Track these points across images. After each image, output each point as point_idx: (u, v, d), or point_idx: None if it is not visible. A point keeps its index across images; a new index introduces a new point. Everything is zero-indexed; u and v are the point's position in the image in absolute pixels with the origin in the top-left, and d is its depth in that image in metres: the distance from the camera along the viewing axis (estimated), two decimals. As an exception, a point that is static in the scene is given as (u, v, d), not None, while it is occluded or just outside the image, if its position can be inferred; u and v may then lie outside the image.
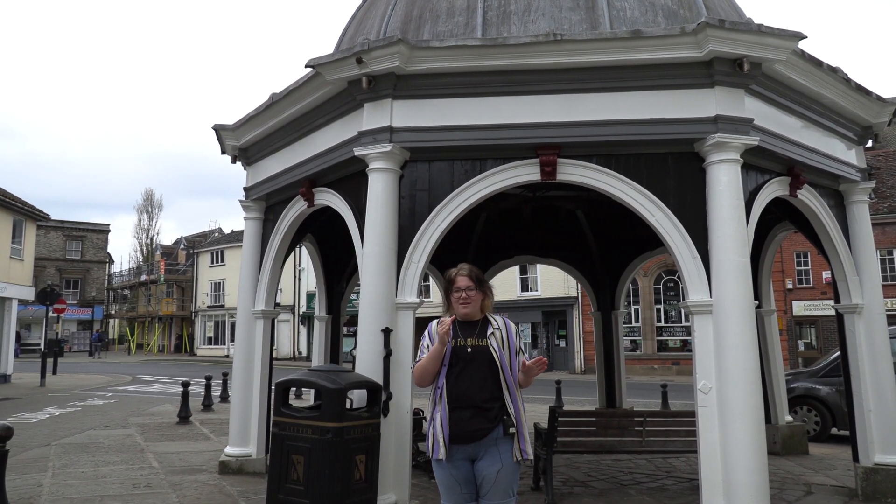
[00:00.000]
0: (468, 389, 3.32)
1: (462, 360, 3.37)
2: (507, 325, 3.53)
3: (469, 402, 3.31)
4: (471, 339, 3.42)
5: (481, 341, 3.42)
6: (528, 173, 5.54)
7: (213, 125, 7.82)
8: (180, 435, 10.38)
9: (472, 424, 3.29)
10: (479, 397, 3.31)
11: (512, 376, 3.39)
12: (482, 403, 3.31)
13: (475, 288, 3.50)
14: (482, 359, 3.37)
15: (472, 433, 3.29)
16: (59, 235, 50.52)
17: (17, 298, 22.18)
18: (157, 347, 51.00)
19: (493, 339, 3.43)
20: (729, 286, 5.06)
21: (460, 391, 3.33)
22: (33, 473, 7.39)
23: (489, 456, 3.30)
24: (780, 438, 8.66)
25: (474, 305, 3.50)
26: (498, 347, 3.40)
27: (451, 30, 5.92)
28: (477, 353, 3.39)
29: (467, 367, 3.36)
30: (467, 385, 3.33)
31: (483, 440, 3.29)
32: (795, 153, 5.97)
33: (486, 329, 3.46)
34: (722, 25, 4.98)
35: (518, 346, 3.49)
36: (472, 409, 3.31)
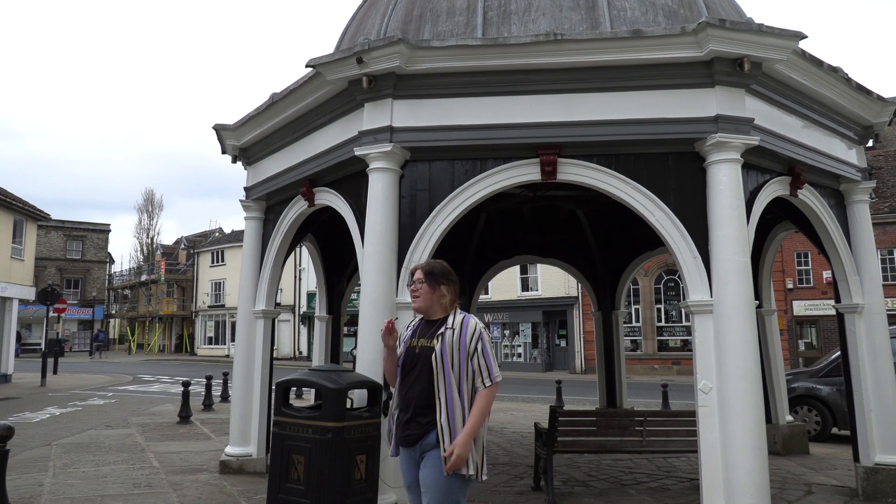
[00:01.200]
0: (409, 392, 3.24)
1: (410, 361, 3.28)
2: (464, 325, 3.23)
3: (408, 404, 3.23)
4: (422, 340, 3.29)
5: (429, 342, 3.25)
6: (528, 173, 5.54)
7: (214, 125, 7.82)
8: (181, 435, 10.38)
9: (407, 428, 3.21)
10: (417, 400, 3.19)
11: (457, 381, 3.12)
12: (418, 407, 3.19)
13: (424, 280, 3.32)
14: (425, 360, 3.21)
15: (406, 437, 3.22)
16: (59, 235, 50.53)
17: (17, 298, 22.19)
18: (157, 347, 51.02)
19: (442, 339, 3.21)
20: (729, 286, 5.06)
21: (403, 393, 3.27)
22: (34, 473, 7.39)
23: (425, 461, 3.17)
24: (780, 438, 8.65)
25: (424, 300, 3.32)
26: (443, 349, 3.16)
27: (452, 29, 5.92)
28: (422, 354, 3.24)
29: (413, 368, 3.26)
30: (409, 387, 3.24)
31: (416, 445, 3.19)
32: (796, 153, 5.97)
33: (439, 329, 3.27)
34: (722, 25, 4.98)
35: (471, 350, 3.17)
36: (410, 412, 3.21)
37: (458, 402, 3.10)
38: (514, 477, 7.19)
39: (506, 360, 31.10)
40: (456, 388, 3.11)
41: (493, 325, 31.72)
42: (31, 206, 22.78)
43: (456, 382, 3.11)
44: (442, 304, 3.31)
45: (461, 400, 3.11)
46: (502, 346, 31.52)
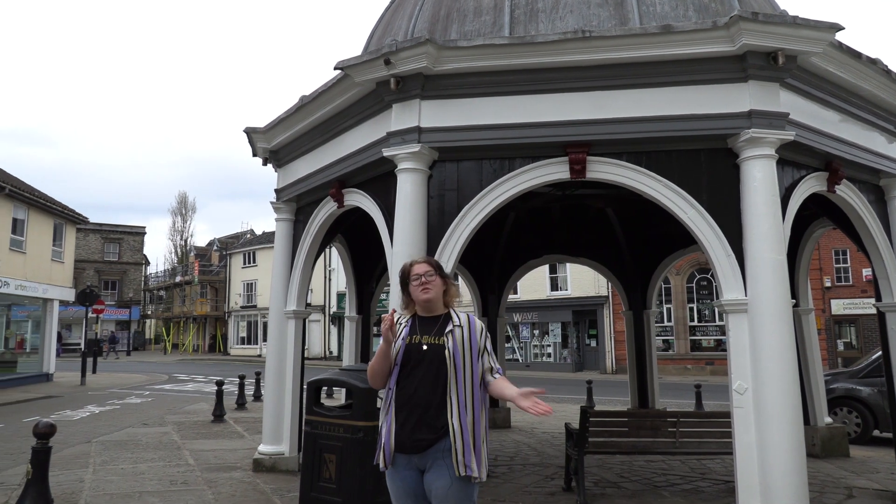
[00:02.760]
0: (416, 393, 2.94)
1: (414, 359, 2.99)
2: (471, 322, 3.10)
3: (416, 407, 2.93)
4: (427, 337, 3.02)
5: (438, 339, 3.00)
6: (556, 172, 5.51)
7: (245, 128, 7.94)
8: (215, 433, 10.57)
9: (417, 433, 2.91)
10: (427, 402, 2.93)
11: (469, 380, 2.98)
12: (429, 410, 2.92)
13: (435, 273, 3.11)
14: (436, 359, 2.96)
15: (415, 442, 2.92)
16: (97, 238, 51.89)
17: (58, 299, 22.86)
18: (191, 347, 52.02)
19: (452, 336, 3.01)
20: (765, 284, 4.96)
21: (408, 394, 2.95)
22: (75, 469, 7.60)
23: (436, 469, 2.91)
24: (819, 440, 8.44)
25: (436, 291, 3.08)
26: (454, 347, 2.98)
27: (479, 29, 5.91)
28: (431, 352, 2.98)
29: (418, 367, 2.97)
30: (416, 388, 2.95)
31: (428, 451, 2.91)
32: (833, 147, 5.82)
33: (446, 326, 3.06)
34: (755, 18, 4.88)
35: (482, 347, 3.06)
36: (419, 415, 2.92)
37: (469, 402, 2.96)
38: (545, 478, 7.15)
39: (535, 360, 30.93)
40: (466, 388, 2.97)
41: (522, 325, 31.59)
42: (70, 210, 23.43)
43: (467, 382, 2.97)
44: (444, 300, 3.14)
45: (472, 400, 2.97)
46: (531, 346, 31.36)
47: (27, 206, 20.53)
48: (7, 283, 19.04)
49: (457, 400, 2.93)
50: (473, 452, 2.91)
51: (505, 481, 6.97)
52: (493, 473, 7.30)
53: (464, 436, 2.90)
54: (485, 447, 2.99)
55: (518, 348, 31.56)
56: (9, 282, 19.15)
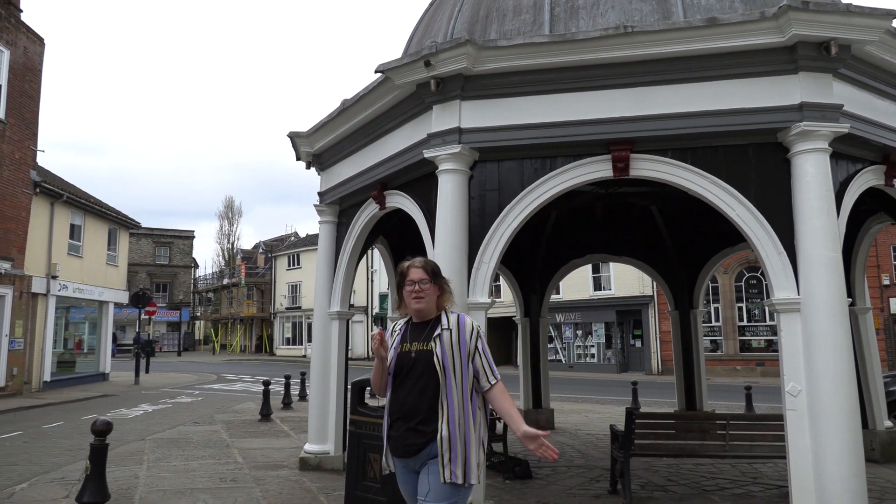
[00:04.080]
0: (406, 400, 2.96)
1: (406, 367, 2.98)
2: (461, 323, 3.01)
3: (405, 413, 2.95)
4: (416, 343, 3.00)
5: (426, 345, 2.97)
6: (599, 170, 5.44)
7: (288, 133, 8.09)
8: (262, 432, 10.79)
9: (407, 438, 2.94)
10: (416, 409, 2.92)
11: (459, 385, 2.91)
12: (418, 416, 2.92)
13: (430, 280, 3.04)
14: (424, 365, 2.94)
15: (406, 447, 2.95)
16: (148, 242, 53.66)
17: (113, 302, 23.72)
18: (239, 347, 53.29)
19: (440, 340, 2.95)
20: (819, 283, 4.79)
21: (399, 402, 2.98)
22: (130, 466, 7.87)
23: (424, 471, 2.94)
24: (878, 445, 8.10)
25: (429, 300, 3.03)
26: (443, 352, 2.92)
27: (519, 28, 5.88)
28: (420, 358, 2.95)
29: (409, 375, 2.97)
30: (405, 395, 2.96)
31: (418, 455, 2.93)
32: (891, 139, 5.58)
33: (434, 330, 3.00)
34: (806, 7, 4.72)
35: (472, 350, 2.98)
36: (408, 421, 2.94)
37: (459, 407, 2.90)
38: (590, 480, 7.06)
39: (578, 360, 30.58)
40: (457, 393, 2.91)
41: (564, 326, 31.28)
42: (124, 216, 24.28)
43: (457, 386, 2.91)
44: (438, 304, 3.08)
45: (462, 404, 2.92)
46: (574, 347, 31.02)
47: (83, 213, 21.37)
48: (66, 286, 19.86)
49: (447, 405, 2.89)
50: (461, 460, 2.88)
51: (549, 483, 6.92)
52: (537, 475, 7.25)
53: (451, 443, 2.87)
54: (478, 453, 2.95)
55: (561, 349, 31.25)
56: (67, 285, 19.96)
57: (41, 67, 18.42)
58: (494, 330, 28.93)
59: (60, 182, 21.03)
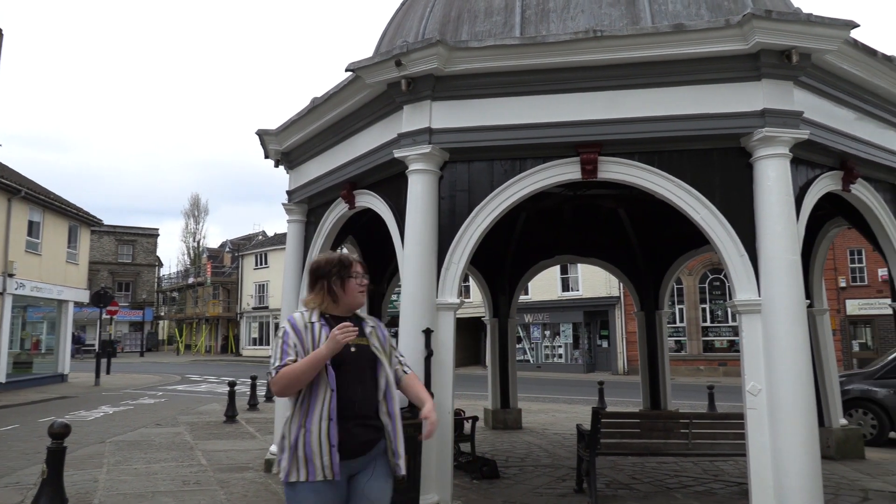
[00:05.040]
0: (355, 395, 2.83)
1: (346, 361, 2.83)
2: (378, 324, 3.07)
3: (355, 409, 2.82)
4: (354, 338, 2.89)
5: (363, 340, 2.92)
6: (568, 172, 5.49)
7: (257, 130, 7.98)
8: (227, 433, 10.62)
9: (361, 435, 2.82)
10: (368, 404, 2.86)
11: (391, 379, 2.97)
12: (368, 411, 2.86)
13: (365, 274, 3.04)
14: (366, 360, 2.89)
15: (360, 445, 2.81)
16: (111, 240, 52.40)
17: (73, 301, 23.09)
18: (204, 348, 52.35)
19: (373, 338, 2.98)
20: (779, 285, 4.92)
21: (347, 397, 2.80)
22: (89, 469, 7.67)
23: (371, 470, 2.86)
24: (834, 442, 8.35)
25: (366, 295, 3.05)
26: (378, 347, 2.96)
27: (490, 29, 5.91)
28: (360, 353, 2.89)
29: (353, 369, 2.85)
30: (354, 390, 2.83)
31: (371, 452, 2.86)
32: (848, 146, 5.76)
33: (362, 326, 2.97)
34: (768, 16, 4.84)
35: (390, 345, 3.06)
36: (359, 417, 2.83)
37: (394, 401, 2.95)
38: (557, 479, 7.13)
39: (546, 360, 30.85)
40: (392, 387, 2.95)
41: (533, 326, 31.52)
42: (85, 213, 23.66)
43: (391, 380, 2.95)
44: None
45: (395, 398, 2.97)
46: (543, 347, 31.28)
47: (43, 209, 20.75)
48: (23, 284, 19.26)
49: (385, 399, 2.91)
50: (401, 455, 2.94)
51: (516, 482, 6.96)
52: (505, 474, 7.29)
53: (394, 435, 2.92)
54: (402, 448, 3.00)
55: (529, 349, 31.49)
56: (25, 283, 19.37)
57: (-1, 58, 17.83)
58: (463, 330, 29.01)
59: (18, 177, 20.39)
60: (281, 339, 2.85)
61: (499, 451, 8.70)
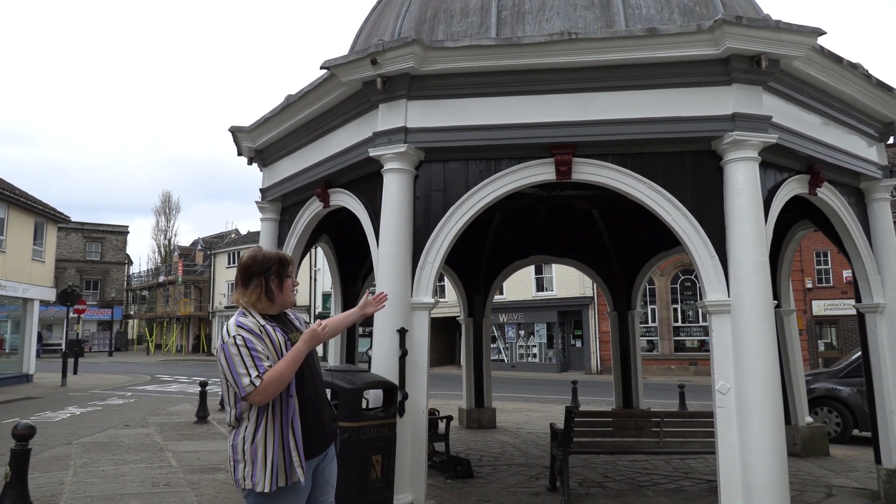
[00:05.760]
0: (315, 391, 2.88)
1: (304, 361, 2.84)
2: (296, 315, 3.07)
3: (321, 402, 2.90)
4: (293, 334, 2.88)
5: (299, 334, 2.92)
6: (542, 173, 5.53)
7: (230, 127, 7.88)
8: (198, 434, 10.47)
9: (329, 427, 2.95)
10: (323, 397, 2.95)
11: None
12: (325, 403, 2.97)
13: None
14: (312, 355, 2.91)
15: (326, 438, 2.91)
16: (79, 237, 51.24)
17: (38, 299, 22.52)
18: (175, 347, 51.49)
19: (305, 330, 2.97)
20: (747, 285, 5.01)
21: (311, 395, 2.84)
22: (55, 472, 7.49)
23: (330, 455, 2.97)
24: (800, 440, 8.55)
25: None
26: None
27: (466, 30, 5.92)
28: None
29: (308, 367, 2.86)
30: (316, 384, 2.91)
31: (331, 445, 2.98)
32: (815, 150, 5.89)
33: (295, 322, 3.00)
34: (739, 22, 4.94)
35: None
36: (324, 409, 2.92)
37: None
38: (530, 478, 7.17)
39: (521, 360, 31.01)
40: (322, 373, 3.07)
41: (507, 326, 31.66)
42: (52, 209, 23.10)
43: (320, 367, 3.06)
44: None
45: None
46: (517, 347, 31.44)
47: (7, 205, 20.21)
48: (-14, 282, 18.74)
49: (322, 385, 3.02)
50: None
51: (490, 481, 6.98)
52: (479, 473, 7.31)
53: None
54: None
55: (503, 349, 31.62)
56: (-12, 281, 18.85)
57: (-38, 50, 17.32)
58: (438, 330, 29.01)
59: (-18, 172, 19.82)
60: (246, 349, 2.63)
61: (473, 451, 8.73)
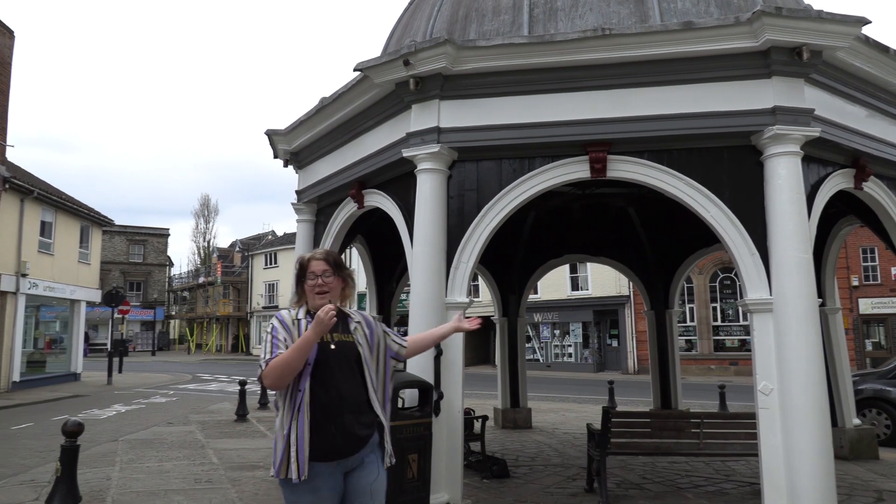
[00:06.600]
0: (343, 391, 2.80)
1: (329, 357, 2.81)
2: (366, 318, 3.06)
3: (345, 405, 2.79)
4: (337, 335, 2.88)
5: (346, 336, 2.91)
6: (577, 171, 5.48)
7: (266, 130, 8.02)
8: (238, 432, 10.68)
9: (357, 430, 2.81)
10: (356, 400, 2.83)
11: (382, 373, 3.00)
12: (360, 407, 2.84)
13: (333, 273, 2.95)
14: (351, 356, 2.88)
15: (352, 442, 2.80)
16: (122, 240, 52.76)
17: (85, 300, 23.28)
18: (214, 347, 52.62)
19: (358, 334, 2.95)
20: (790, 283, 4.88)
21: (334, 394, 2.78)
22: (102, 467, 7.73)
23: (367, 465, 2.86)
24: (847, 442, 8.29)
25: (333, 294, 2.95)
26: (363, 343, 2.95)
27: (498, 28, 5.90)
28: (343, 349, 2.87)
29: (337, 365, 2.82)
30: (341, 386, 2.80)
31: (361, 451, 2.84)
32: (860, 143, 5.71)
33: (347, 323, 2.97)
34: (779, 13, 4.81)
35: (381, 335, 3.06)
36: (351, 413, 2.80)
37: (383, 394, 2.98)
38: (567, 478, 7.11)
39: (556, 360, 30.79)
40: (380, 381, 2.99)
41: (542, 325, 31.46)
42: (96, 213, 23.84)
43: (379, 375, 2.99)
44: (342, 297, 3.03)
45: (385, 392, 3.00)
46: (552, 347, 31.22)
47: (55, 210, 20.93)
48: (36, 284, 19.44)
49: (374, 393, 2.92)
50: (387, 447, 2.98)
51: (527, 482, 6.95)
52: (515, 474, 7.29)
53: (387, 427, 2.97)
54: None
55: (538, 348, 31.43)
56: (38, 283, 19.54)
57: (11, 61, 18.00)
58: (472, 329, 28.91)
59: (31, 178, 20.57)
60: (270, 335, 2.82)
61: (509, 451, 8.70)
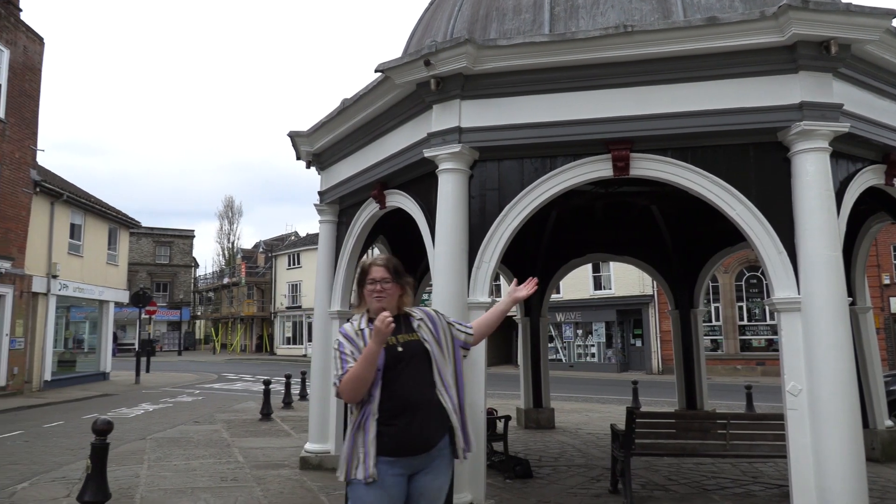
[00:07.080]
0: (412, 392, 2.83)
1: (397, 360, 2.86)
2: (426, 312, 3.09)
3: (416, 406, 2.82)
4: (402, 336, 2.93)
5: (411, 335, 2.96)
6: (599, 169, 5.43)
7: (288, 132, 8.09)
8: (263, 431, 10.80)
9: (425, 431, 2.82)
10: (427, 400, 2.86)
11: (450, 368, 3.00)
12: (429, 406, 2.86)
13: (391, 280, 3.02)
14: (418, 355, 2.91)
15: (424, 442, 2.82)
16: (149, 242, 53.66)
17: (113, 301, 23.73)
18: (239, 347, 53.27)
19: (423, 331, 2.99)
20: (819, 282, 4.78)
21: (404, 396, 2.81)
22: (131, 465, 7.88)
23: (435, 468, 2.88)
24: (879, 444, 8.10)
25: (391, 300, 3.01)
26: (430, 339, 2.97)
27: (518, 27, 5.88)
28: (410, 350, 2.91)
29: (406, 367, 2.86)
30: (410, 387, 2.84)
31: (434, 448, 2.85)
32: (891, 139, 5.58)
33: (410, 322, 3.02)
34: (806, 7, 4.71)
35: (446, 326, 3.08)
36: (421, 413, 2.82)
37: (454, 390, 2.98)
38: (591, 479, 7.07)
39: (579, 360, 30.59)
40: (449, 377, 2.97)
41: (565, 325, 31.28)
42: (124, 215, 24.28)
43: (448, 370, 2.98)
44: (399, 304, 3.07)
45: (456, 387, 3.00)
46: (575, 347, 31.02)
47: (84, 212, 21.37)
48: (66, 285, 19.86)
49: (445, 392, 2.92)
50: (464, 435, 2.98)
51: (550, 482, 6.92)
52: (538, 474, 7.26)
53: (462, 425, 2.97)
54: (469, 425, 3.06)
55: (561, 348, 31.26)
56: (68, 284, 19.96)
57: (41, 67, 18.44)
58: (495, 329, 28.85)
59: (60, 181, 21.02)
60: (338, 351, 2.91)
61: (532, 451, 8.67)
